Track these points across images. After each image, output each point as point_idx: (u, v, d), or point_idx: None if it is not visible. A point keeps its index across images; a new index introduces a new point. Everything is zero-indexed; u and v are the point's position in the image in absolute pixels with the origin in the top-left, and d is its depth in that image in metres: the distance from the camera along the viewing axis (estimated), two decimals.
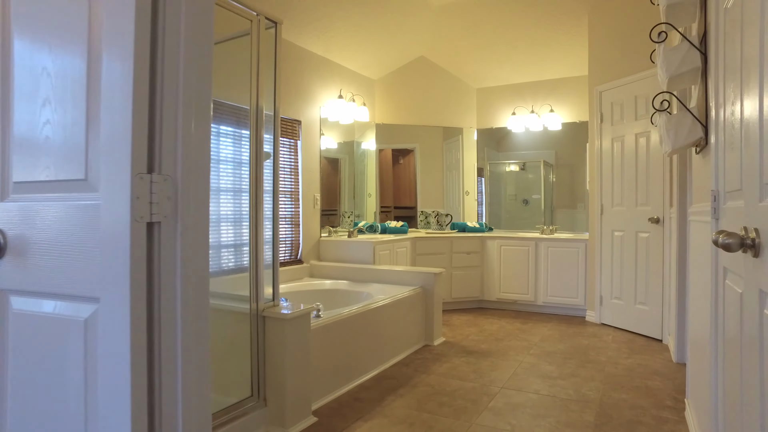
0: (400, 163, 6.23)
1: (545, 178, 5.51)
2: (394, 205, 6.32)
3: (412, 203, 5.99)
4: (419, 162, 5.82)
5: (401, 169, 6.12)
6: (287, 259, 4.17)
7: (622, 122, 4.19)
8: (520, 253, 4.84)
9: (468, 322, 4.48)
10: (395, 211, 6.28)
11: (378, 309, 3.25)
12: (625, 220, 4.14)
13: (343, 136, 5.14)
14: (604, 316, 4.37)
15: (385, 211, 6.02)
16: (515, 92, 5.39)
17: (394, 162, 6.20)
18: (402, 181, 6.12)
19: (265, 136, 2.48)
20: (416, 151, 5.87)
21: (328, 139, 4.93)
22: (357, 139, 5.35)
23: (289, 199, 4.17)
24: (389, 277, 3.98)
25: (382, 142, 5.52)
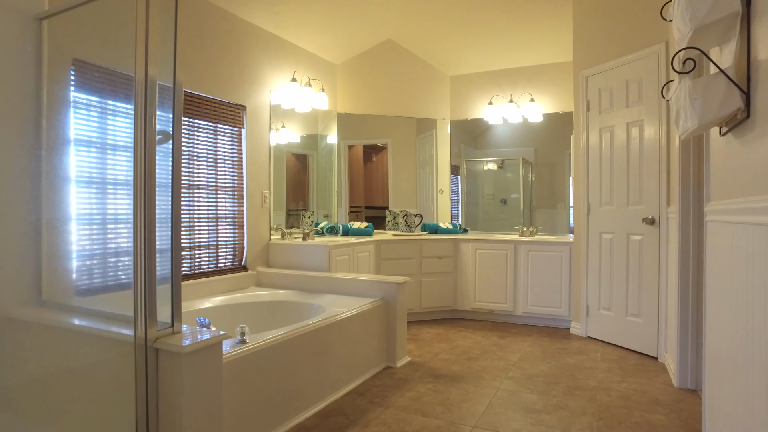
0: (373, 161, 5.67)
1: (524, 177, 4.99)
2: (365, 205, 5.76)
3: (385, 203, 5.44)
4: (391, 158, 5.25)
5: (374, 167, 5.56)
6: (229, 266, 3.54)
7: (611, 110, 3.67)
8: (498, 258, 4.30)
9: (439, 336, 3.91)
10: (366, 211, 5.73)
11: (327, 327, 2.65)
12: (615, 221, 3.62)
13: (305, 128, 4.54)
14: (591, 329, 3.84)
15: (355, 211, 5.44)
16: (492, 80, 4.85)
17: (366, 159, 5.63)
18: (374, 180, 5.55)
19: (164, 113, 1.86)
20: (388, 147, 5.31)
21: (290, 132, 4.33)
22: (321, 131, 4.76)
23: (232, 196, 3.55)
24: (346, 286, 3.39)
25: (347, 134, 4.93)
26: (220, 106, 3.42)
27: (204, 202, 3.34)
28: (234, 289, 3.53)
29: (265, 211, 3.83)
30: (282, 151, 4.32)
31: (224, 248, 3.50)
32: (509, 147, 4.97)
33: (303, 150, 4.60)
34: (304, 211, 4.58)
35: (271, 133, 4.12)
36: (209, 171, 3.37)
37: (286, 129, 4.30)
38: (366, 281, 3.30)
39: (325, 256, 3.60)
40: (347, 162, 5.18)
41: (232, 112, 3.51)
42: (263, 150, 3.79)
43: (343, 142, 5.11)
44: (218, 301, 3.16)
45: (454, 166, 5.20)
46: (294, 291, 3.53)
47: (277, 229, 4.04)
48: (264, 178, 3.81)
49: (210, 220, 3.39)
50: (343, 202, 5.17)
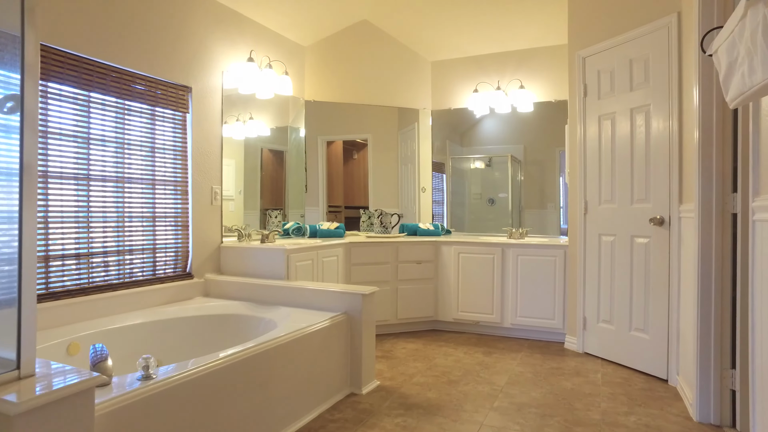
0: (355, 158, 5.16)
1: (513, 176, 4.49)
2: (345, 205, 5.25)
3: (366, 202, 4.93)
4: (372, 155, 4.73)
5: (356, 165, 5.04)
6: (170, 273, 2.99)
7: (612, 95, 3.16)
8: (483, 263, 3.77)
9: (415, 352, 3.37)
10: (347, 211, 5.22)
11: (271, 352, 2.11)
12: (617, 222, 3.11)
13: (276, 119, 4.01)
14: (589, 344, 3.33)
15: (333, 211, 4.92)
16: (478, 66, 4.33)
17: (348, 157, 5.12)
18: (356, 178, 5.04)
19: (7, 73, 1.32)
20: (369, 143, 4.79)
21: (260, 123, 3.80)
22: (292, 123, 4.22)
23: (174, 192, 3.00)
24: (305, 298, 2.84)
25: (323, 127, 4.39)
26: (158, 85, 2.87)
27: (137, 198, 2.79)
28: (175, 300, 2.98)
29: (216, 210, 3.28)
30: (255, 146, 3.84)
31: (163, 252, 2.95)
32: (497, 144, 4.47)
33: (277, 144, 4.09)
34: (278, 210, 4.05)
35: (238, 124, 3.60)
36: (145, 162, 2.82)
37: (255, 120, 3.78)
38: (327, 292, 2.76)
39: (282, 262, 3.06)
40: (325, 159, 4.67)
41: (173, 93, 2.96)
42: (214, 139, 3.24)
43: (321, 138, 4.60)
44: (147, 317, 2.60)
45: (438, 163, 4.69)
46: (245, 303, 2.98)
47: (234, 230, 3.49)
48: (215, 172, 3.26)
49: (145, 220, 2.83)
50: (320, 202, 4.66)
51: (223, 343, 2.75)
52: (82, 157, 2.49)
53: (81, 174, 2.49)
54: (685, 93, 2.68)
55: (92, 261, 2.55)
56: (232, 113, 3.57)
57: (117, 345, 2.41)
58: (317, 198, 4.67)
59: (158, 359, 2.60)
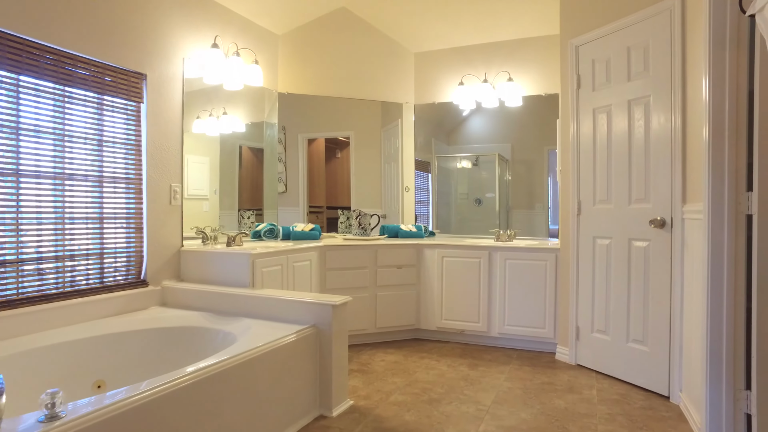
0: (338, 157, 4.85)
1: (500, 175, 4.22)
2: (327, 205, 4.95)
3: (350, 203, 4.64)
4: (354, 153, 4.43)
5: (339, 164, 4.74)
6: (120, 281, 2.66)
7: (608, 86, 2.89)
8: (469, 267, 3.48)
9: (395, 365, 3.07)
10: (329, 211, 4.92)
11: (223, 375, 1.80)
12: (613, 223, 2.84)
13: (251, 114, 3.71)
14: (582, 356, 3.05)
15: (315, 211, 4.61)
16: (463, 57, 4.05)
17: (331, 156, 4.82)
18: (339, 177, 4.74)
19: None
20: (351, 140, 4.49)
21: (233, 118, 3.51)
22: (267, 119, 3.91)
23: (125, 190, 2.67)
24: (269, 308, 2.53)
25: (302, 124, 4.08)
26: (106, 71, 2.53)
27: (81, 197, 2.45)
28: (127, 310, 2.64)
29: (175, 210, 2.95)
30: (231, 143, 3.56)
31: (113, 258, 2.61)
32: (484, 143, 4.20)
33: (253, 141, 3.79)
34: (251, 211, 3.73)
35: (211, 119, 3.31)
36: (90, 156, 2.49)
37: (229, 115, 3.47)
38: (294, 302, 2.45)
39: (246, 268, 2.74)
40: (306, 157, 4.37)
41: (124, 81, 2.63)
42: (173, 133, 2.91)
43: (301, 135, 4.29)
44: (86, 332, 2.26)
45: (423, 162, 4.41)
46: (204, 313, 2.66)
47: (198, 232, 3.16)
48: (174, 168, 2.93)
49: (91, 221, 2.50)
50: (300, 202, 4.35)
51: (175, 361, 2.43)
52: (9, 149, 2.15)
53: (8, 170, 2.15)
54: (689, 82, 2.41)
55: (22, 269, 2.21)
56: (205, 107, 3.28)
57: (41, 368, 2.08)
58: (297, 198, 4.37)
59: (99, 382, 2.28)
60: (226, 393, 1.83)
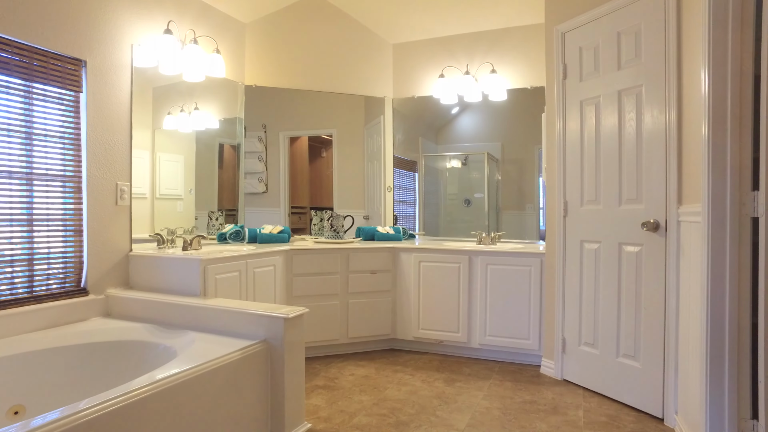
0: (323, 156, 4.58)
1: (489, 175, 3.95)
2: (311, 206, 4.67)
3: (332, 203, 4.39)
4: (337, 151, 4.16)
5: (324, 164, 4.47)
6: (55, 290, 2.36)
7: (596, 75, 2.62)
8: (448, 273, 3.20)
9: (365, 380, 2.79)
10: (312, 213, 4.66)
11: (149, 400, 1.51)
12: (603, 226, 2.57)
13: (223, 109, 3.47)
14: (569, 370, 2.77)
15: (297, 212, 4.33)
16: (444, 48, 3.77)
17: (316, 155, 4.55)
18: (324, 177, 4.47)
19: None
20: (333, 138, 4.22)
21: (206, 114, 3.28)
22: (240, 114, 3.63)
23: (61, 189, 2.38)
24: (219, 320, 2.24)
25: (275, 117, 3.80)
26: (34, 55, 2.24)
27: (3, 195, 2.16)
28: (64, 322, 2.35)
29: (123, 211, 2.66)
30: (208, 140, 3.35)
31: (45, 264, 2.32)
32: (473, 142, 3.93)
33: (228, 138, 3.56)
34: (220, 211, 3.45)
35: (183, 115, 3.09)
36: (16, 151, 2.20)
37: (201, 111, 3.24)
38: (242, 313, 2.16)
39: (196, 274, 2.45)
40: (288, 156, 4.10)
41: (58, 67, 2.34)
42: (120, 126, 2.62)
43: (283, 133, 4.02)
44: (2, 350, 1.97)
45: (410, 161, 4.13)
46: (149, 325, 2.37)
47: (154, 235, 2.87)
48: (121, 165, 2.64)
49: (17, 223, 2.21)
50: (281, 203, 4.08)
51: (107, 381, 2.14)
52: None
53: None
54: (686, 67, 2.13)
55: None
56: (176, 103, 3.05)
57: None
58: (278, 199, 4.10)
59: (16, 407, 1.98)
60: (156, 420, 1.54)
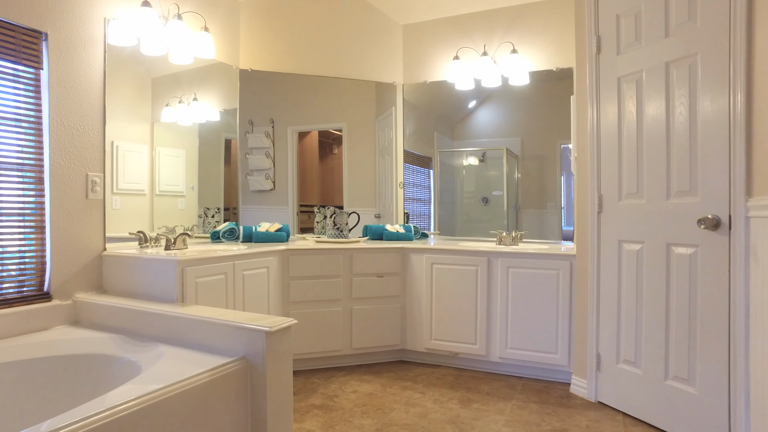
0: (335, 153, 4.24)
1: (509, 172, 3.55)
2: (320, 204, 4.33)
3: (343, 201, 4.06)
4: (347, 146, 3.81)
5: (335, 160, 4.12)
6: (12, 295, 2.03)
7: (637, 46, 2.19)
8: (464, 276, 2.80)
9: (369, 399, 2.40)
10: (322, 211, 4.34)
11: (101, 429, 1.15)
12: (646, 223, 2.14)
13: (223, 100, 3.17)
14: (605, 391, 2.35)
15: (306, 211, 4.00)
16: (459, 28, 3.36)
17: (327, 151, 4.20)
18: (336, 174, 4.14)
19: None
20: (343, 132, 3.87)
21: (205, 104, 2.99)
22: (235, 103, 3.30)
23: (18, 179, 2.04)
24: (194, 332, 1.88)
25: (283, 112, 3.46)
26: None
27: None
28: (18, 332, 2.01)
29: (94, 205, 2.31)
30: (212, 134, 3.09)
31: None
32: (491, 137, 3.53)
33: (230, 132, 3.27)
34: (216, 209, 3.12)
35: (181, 107, 2.81)
36: None
37: (200, 102, 2.95)
38: (219, 324, 1.80)
39: (172, 278, 2.09)
40: (296, 152, 3.76)
41: (12, 39, 2.00)
42: (90, 109, 2.28)
43: (291, 128, 3.69)
44: None
45: (425, 158, 3.76)
46: (119, 336, 2.01)
47: (136, 233, 2.53)
48: (92, 154, 2.30)
49: None
50: (289, 201, 3.74)
51: (61, 401, 1.79)
52: None
53: None
54: (760, 27, 1.70)
55: None
56: (174, 93, 2.76)
57: None
58: (286, 197, 3.76)
59: None
60: None
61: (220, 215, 3.21)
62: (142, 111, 2.56)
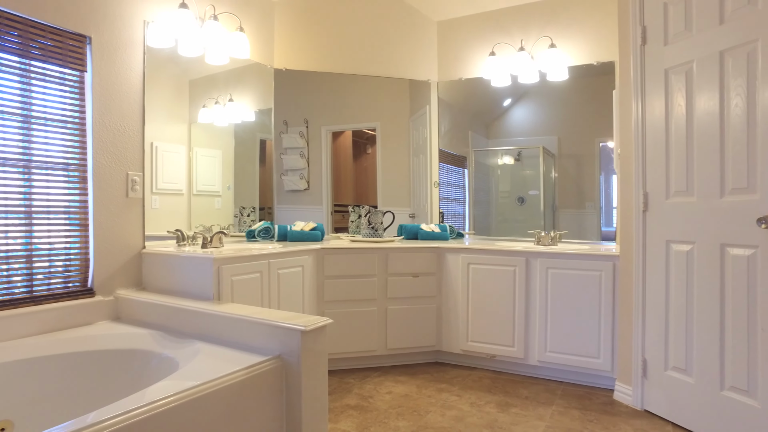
0: (368, 153, 4.23)
1: (545, 171, 3.44)
2: (354, 204, 4.33)
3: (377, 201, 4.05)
4: (380, 146, 3.79)
5: (370, 160, 4.12)
6: (59, 290, 2.08)
7: (687, 35, 2.07)
8: (502, 277, 2.72)
9: (404, 401, 2.35)
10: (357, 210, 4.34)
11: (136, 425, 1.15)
12: (698, 223, 2.01)
13: (258, 100, 3.21)
14: (652, 399, 2.22)
15: (341, 211, 4.00)
16: (495, 23, 3.28)
17: (361, 151, 4.20)
18: (370, 174, 4.13)
19: None
20: (377, 132, 3.85)
21: (240, 105, 3.03)
22: (270, 103, 3.32)
23: (64, 179, 2.09)
24: (230, 329, 1.88)
25: (317, 112, 3.46)
26: (32, 29, 1.97)
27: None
28: (64, 326, 2.06)
29: (134, 204, 2.35)
30: (248, 134, 3.12)
31: (46, 261, 2.04)
32: (527, 136, 3.43)
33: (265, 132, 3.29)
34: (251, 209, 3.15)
35: (218, 107, 2.86)
36: (12, 136, 1.92)
37: (235, 102, 3.00)
38: (254, 323, 1.79)
39: (209, 276, 2.10)
40: (330, 152, 3.77)
41: (59, 43, 2.05)
42: (131, 110, 2.32)
43: (325, 128, 3.70)
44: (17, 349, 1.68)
45: (459, 157, 3.69)
46: (158, 332, 2.03)
47: (174, 231, 2.57)
48: (133, 154, 2.34)
49: (13, 215, 1.94)
50: (324, 200, 3.75)
51: (103, 396, 1.82)
52: None
53: None
54: None
55: None
56: (211, 95, 2.81)
57: None
58: (320, 196, 3.77)
59: (3, 423, 1.69)
60: None
61: (256, 214, 3.23)
62: (179, 112, 2.60)
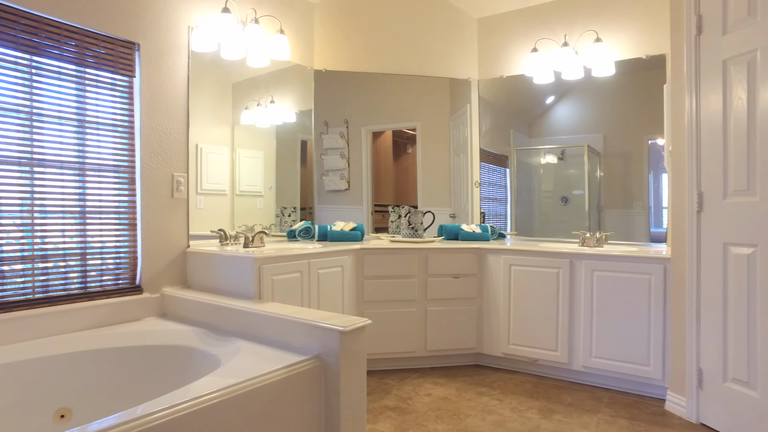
0: (408, 153, 4.22)
1: (590, 170, 3.31)
2: (394, 204, 4.33)
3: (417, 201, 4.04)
4: (421, 145, 3.77)
5: (410, 160, 4.11)
6: (109, 287, 2.16)
7: (750, 22, 1.93)
8: (545, 279, 2.63)
9: (443, 403, 2.31)
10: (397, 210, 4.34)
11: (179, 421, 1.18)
12: (759, 224, 1.88)
13: (299, 101, 3.26)
14: (709, 412, 2.09)
15: (381, 211, 4.01)
16: (537, 18, 3.18)
17: (401, 151, 4.20)
18: (410, 174, 4.12)
19: None
20: (417, 131, 3.83)
21: (282, 107, 3.09)
22: (311, 104, 3.36)
23: (114, 180, 2.17)
24: (270, 328, 1.90)
25: (357, 112, 3.48)
26: (86, 38, 2.05)
27: (55, 187, 1.98)
28: (115, 321, 2.14)
29: (179, 204, 2.42)
30: (288, 135, 3.17)
31: (99, 258, 2.13)
32: (571, 134, 3.31)
33: (305, 133, 3.33)
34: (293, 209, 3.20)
35: (260, 109, 2.92)
36: (68, 140, 2.01)
37: (276, 104, 3.06)
38: (293, 322, 1.79)
39: (250, 274, 2.13)
40: (370, 152, 3.78)
41: (111, 51, 2.13)
42: (176, 113, 2.39)
43: (365, 128, 3.72)
44: (46, 349, 1.75)
45: (501, 156, 3.61)
46: (201, 330, 2.08)
47: (217, 231, 2.63)
48: (177, 155, 2.40)
49: (70, 215, 2.03)
50: (364, 200, 3.77)
51: (152, 388, 1.87)
52: None
53: None
54: None
55: None
56: (253, 97, 2.87)
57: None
58: (361, 196, 3.78)
59: (62, 411, 1.77)
60: None
61: (297, 214, 3.26)
62: (223, 114, 2.66)
